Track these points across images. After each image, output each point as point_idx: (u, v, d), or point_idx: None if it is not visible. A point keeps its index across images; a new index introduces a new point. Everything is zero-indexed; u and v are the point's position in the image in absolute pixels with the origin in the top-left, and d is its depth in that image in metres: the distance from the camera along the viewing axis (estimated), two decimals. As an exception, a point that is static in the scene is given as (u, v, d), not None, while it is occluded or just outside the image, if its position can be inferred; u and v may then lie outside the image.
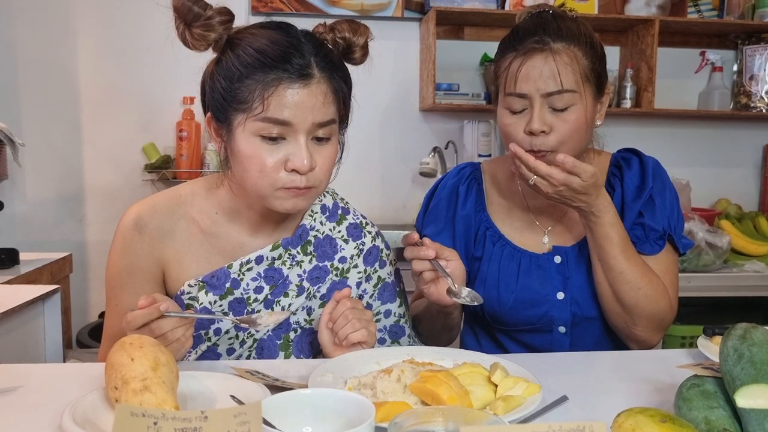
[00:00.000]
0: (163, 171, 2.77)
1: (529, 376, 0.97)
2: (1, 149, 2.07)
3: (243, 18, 2.71)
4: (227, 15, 1.05)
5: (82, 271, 2.81)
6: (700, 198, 2.96)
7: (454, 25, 2.95)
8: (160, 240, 1.16)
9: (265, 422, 0.69)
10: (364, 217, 1.30)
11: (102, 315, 2.74)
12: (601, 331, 1.35)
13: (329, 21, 1.13)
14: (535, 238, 1.36)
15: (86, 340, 2.41)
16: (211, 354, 1.18)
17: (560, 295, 1.31)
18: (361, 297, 1.25)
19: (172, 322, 1.00)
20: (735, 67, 3.08)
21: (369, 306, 1.26)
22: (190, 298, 1.16)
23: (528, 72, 1.18)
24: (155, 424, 0.56)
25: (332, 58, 1.08)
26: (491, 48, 2.94)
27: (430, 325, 1.33)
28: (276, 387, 0.95)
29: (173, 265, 1.17)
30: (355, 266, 1.25)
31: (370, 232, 1.28)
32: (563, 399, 0.95)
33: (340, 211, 1.27)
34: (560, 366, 1.15)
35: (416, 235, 1.14)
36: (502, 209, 1.39)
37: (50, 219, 2.83)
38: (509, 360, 1.04)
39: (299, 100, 1.03)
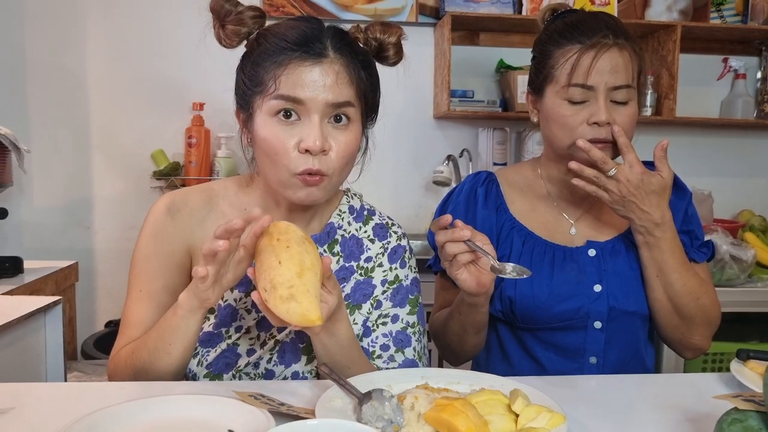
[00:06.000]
0: (172, 178, 2.72)
1: (553, 404, 0.90)
2: (6, 155, 2.03)
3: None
4: (258, 12, 1.09)
5: (88, 279, 2.76)
6: (723, 209, 2.88)
7: (469, 30, 2.88)
8: (191, 227, 1.15)
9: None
10: (390, 219, 1.28)
11: (108, 324, 2.69)
12: (638, 327, 1.31)
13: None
14: (563, 232, 1.33)
15: (91, 351, 2.36)
16: (231, 354, 1.13)
17: (597, 288, 1.27)
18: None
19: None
20: (759, 74, 2.99)
21: (379, 303, 1.19)
22: None
23: (600, 65, 1.20)
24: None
25: (353, 46, 1.08)
26: (507, 54, 2.88)
27: (458, 330, 1.25)
28: (281, 413, 0.89)
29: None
30: (380, 265, 1.21)
31: (396, 233, 1.25)
32: None
33: (366, 213, 1.25)
34: (583, 390, 1.08)
35: (448, 218, 1.07)
36: (525, 207, 1.35)
37: (57, 226, 2.79)
38: (530, 384, 0.97)
39: (311, 78, 1.02)
